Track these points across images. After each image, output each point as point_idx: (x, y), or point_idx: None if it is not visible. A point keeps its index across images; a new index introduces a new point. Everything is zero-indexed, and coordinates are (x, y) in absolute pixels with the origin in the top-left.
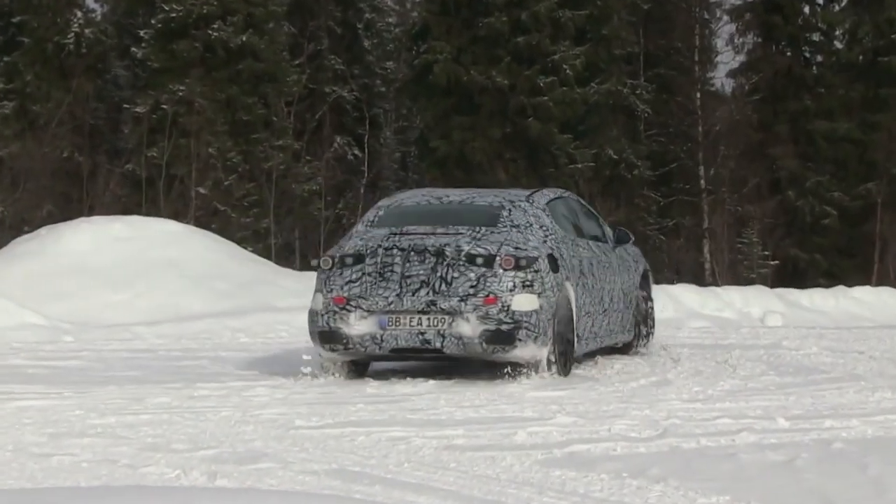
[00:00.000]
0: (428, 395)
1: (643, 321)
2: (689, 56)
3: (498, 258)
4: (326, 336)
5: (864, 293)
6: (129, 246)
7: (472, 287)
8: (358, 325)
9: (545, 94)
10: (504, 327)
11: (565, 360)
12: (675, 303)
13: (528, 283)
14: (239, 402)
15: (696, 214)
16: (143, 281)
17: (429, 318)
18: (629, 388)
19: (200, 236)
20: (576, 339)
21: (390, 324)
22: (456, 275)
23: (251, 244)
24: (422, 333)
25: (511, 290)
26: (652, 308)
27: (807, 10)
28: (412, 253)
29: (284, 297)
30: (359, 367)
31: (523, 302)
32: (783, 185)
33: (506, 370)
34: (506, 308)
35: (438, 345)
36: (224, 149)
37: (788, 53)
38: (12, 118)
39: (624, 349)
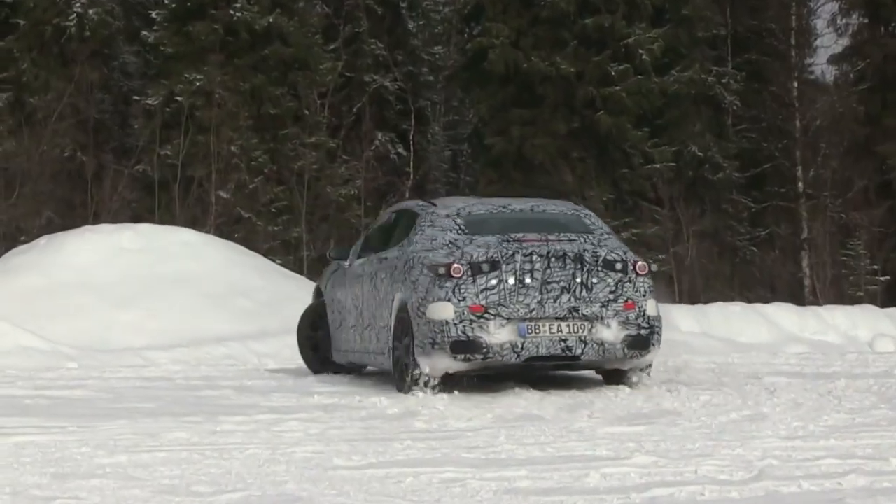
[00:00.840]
0: (485, 431)
1: None
2: (785, 39)
3: (629, 264)
4: (462, 346)
5: None
6: (140, 258)
7: (611, 293)
8: (497, 334)
9: (617, 83)
10: (643, 332)
11: None
12: (769, 325)
13: (651, 288)
14: (268, 438)
15: (793, 222)
16: (156, 298)
17: (568, 325)
18: (718, 422)
19: (221, 247)
20: None
21: (530, 331)
22: (595, 280)
23: (280, 256)
24: (563, 340)
25: (644, 296)
26: None
27: None
28: (553, 258)
29: None
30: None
31: (652, 307)
32: (895, 188)
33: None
34: (642, 313)
35: (579, 352)
36: (248, 147)
37: None
38: (6, 112)
39: None
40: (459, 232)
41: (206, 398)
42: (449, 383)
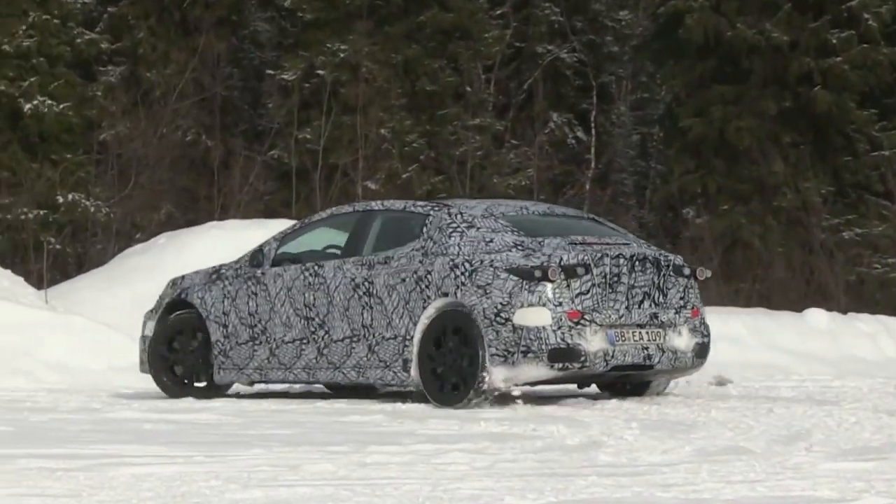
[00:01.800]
0: (684, 466)
1: None
2: None
3: (689, 269)
4: (561, 354)
5: None
6: None
7: (681, 299)
8: (593, 341)
9: (839, 53)
10: (706, 340)
11: None
12: None
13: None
14: (428, 472)
15: None
16: None
17: (647, 332)
18: None
19: None
20: None
21: (617, 339)
22: (669, 286)
23: None
24: (645, 348)
25: (701, 302)
26: None
27: None
28: (637, 262)
29: None
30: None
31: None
32: None
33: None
34: (703, 321)
35: (656, 360)
36: (401, 129)
37: None
38: (120, 89)
39: None
40: (515, 233)
41: (354, 424)
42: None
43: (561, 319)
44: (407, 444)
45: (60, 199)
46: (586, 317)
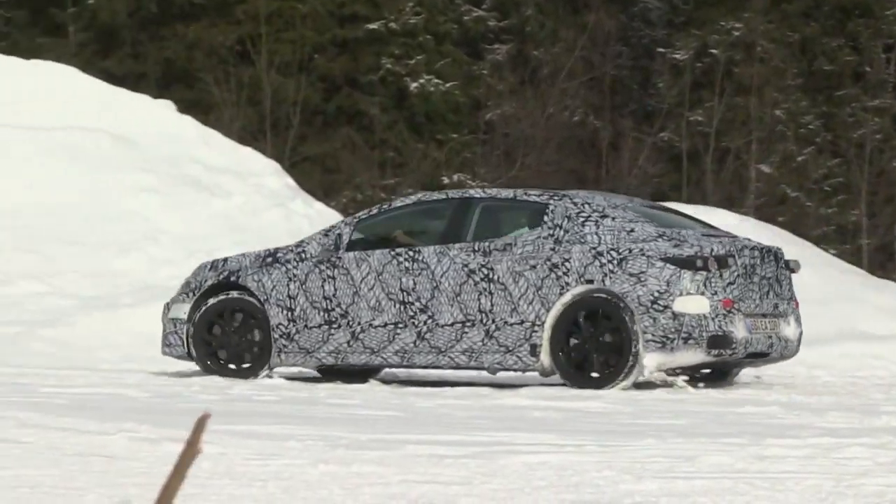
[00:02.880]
0: None
1: None
2: None
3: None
4: (719, 341)
5: None
6: None
7: (788, 290)
8: (740, 329)
9: None
10: (803, 330)
11: None
12: None
13: None
14: (829, 467)
15: None
16: None
17: (769, 321)
18: None
19: (763, 232)
20: None
21: (753, 328)
22: (782, 278)
23: (834, 244)
24: (769, 337)
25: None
26: None
27: None
28: (765, 254)
29: (881, 320)
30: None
31: None
32: None
33: None
34: (799, 311)
35: (773, 349)
36: (797, 111)
37: None
38: (507, 68)
39: None
40: (651, 224)
41: (749, 415)
42: None
43: (717, 307)
44: (805, 438)
45: (445, 180)
46: (735, 305)
